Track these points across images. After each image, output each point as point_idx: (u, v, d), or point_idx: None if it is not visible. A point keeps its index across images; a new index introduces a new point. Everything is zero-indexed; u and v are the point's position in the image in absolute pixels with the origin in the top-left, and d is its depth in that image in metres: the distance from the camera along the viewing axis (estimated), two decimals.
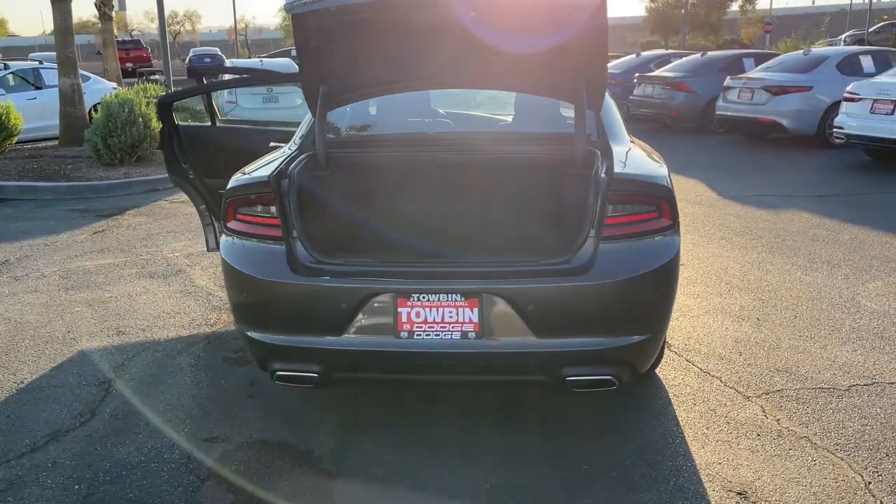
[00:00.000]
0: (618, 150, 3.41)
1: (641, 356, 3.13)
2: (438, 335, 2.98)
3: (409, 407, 3.69)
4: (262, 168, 3.43)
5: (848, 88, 10.41)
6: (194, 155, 4.89)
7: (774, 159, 11.28)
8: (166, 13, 18.41)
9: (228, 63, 24.01)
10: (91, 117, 11.90)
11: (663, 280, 3.05)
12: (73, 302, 5.34)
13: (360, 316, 3.00)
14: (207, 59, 35.87)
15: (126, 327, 4.83)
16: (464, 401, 3.73)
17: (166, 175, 10.20)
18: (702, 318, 4.78)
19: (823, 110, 11.90)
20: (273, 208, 3.15)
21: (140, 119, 10.37)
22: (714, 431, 3.39)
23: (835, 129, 10.71)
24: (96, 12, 19.40)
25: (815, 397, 3.69)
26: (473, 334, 2.97)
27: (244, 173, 3.45)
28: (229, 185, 3.28)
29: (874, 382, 3.84)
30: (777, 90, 12.12)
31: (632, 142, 3.76)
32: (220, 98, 12.77)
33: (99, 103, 11.20)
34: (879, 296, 5.14)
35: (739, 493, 2.92)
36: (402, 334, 2.99)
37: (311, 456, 3.26)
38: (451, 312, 2.97)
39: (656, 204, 3.07)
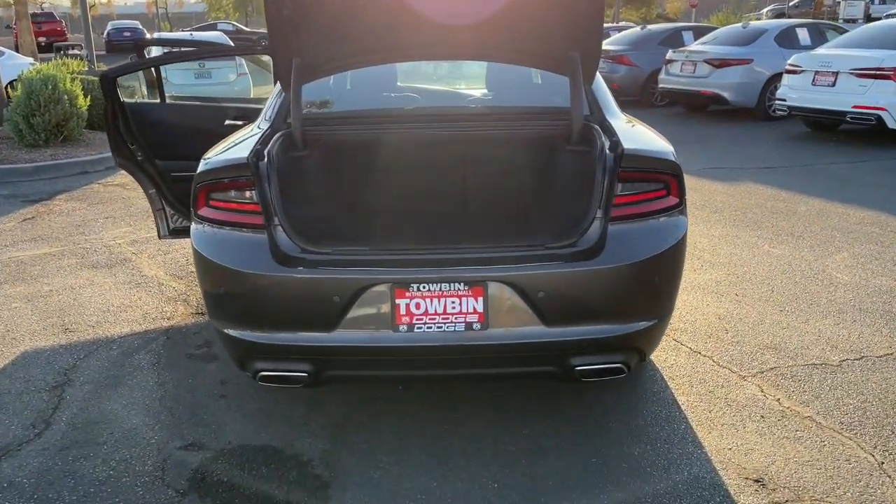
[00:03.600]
0: (617, 125, 3.23)
1: (650, 341, 2.99)
2: (441, 327, 2.76)
3: (402, 400, 3.46)
4: (234, 149, 3.12)
5: (790, 61, 10.55)
6: (142, 135, 4.50)
7: (718, 132, 11.39)
8: None
9: (156, 36, 22.86)
10: (8, 95, 11.10)
11: (673, 262, 2.91)
12: (8, 297, 4.89)
13: (353, 309, 2.75)
14: (127, 34, 34.16)
15: (73, 324, 4.44)
16: (459, 393, 3.52)
17: (97, 156, 9.63)
18: (682, 296, 4.69)
19: (763, 83, 12.07)
20: (251, 193, 2.86)
21: (65, 96, 9.69)
22: (717, 415, 3.29)
23: (777, 102, 10.87)
24: None
25: (809, 374, 3.63)
26: (478, 325, 2.76)
27: (216, 154, 3.13)
28: (200, 168, 2.96)
29: (863, 356, 3.81)
30: (719, 63, 12.22)
31: (626, 117, 3.59)
32: (149, 73, 12.09)
33: (15, 80, 10.43)
34: (848, 267, 5.16)
35: (757, 481, 2.82)
36: (401, 327, 2.76)
37: (300, 461, 3.01)
38: (453, 302, 2.75)
39: (665, 182, 2.91)
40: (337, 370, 2.93)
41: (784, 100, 10.48)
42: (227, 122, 4.62)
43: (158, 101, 4.73)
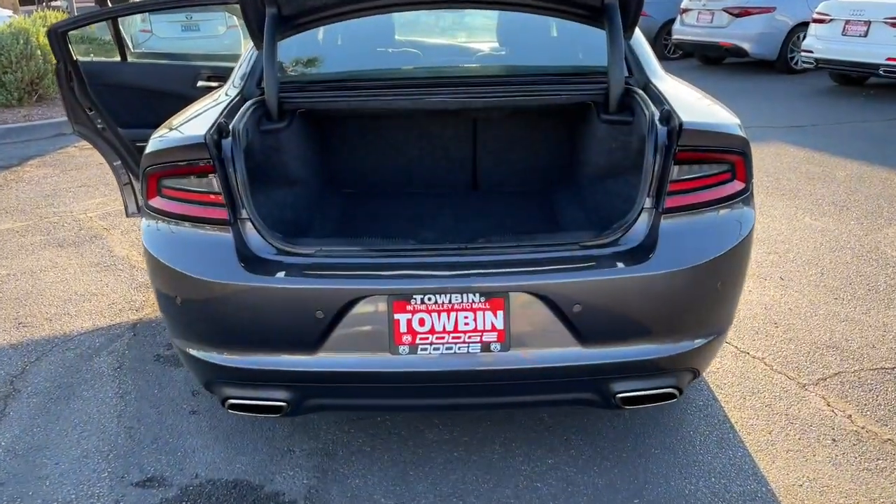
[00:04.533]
0: (665, 90, 2.63)
1: (708, 359, 2.44)
2: (451, 348, 2.21)
3: (404, 417, 2.93)
4: (193, 121, 2.52)
5: (817, 9, 9.81)
6: (102, 99, 3.90)
7: (737, 87, 10.68)
8: None
9: None
10: None
11: (739, 263, 2.34)
12: None
13: (341, 326, 2.19)
14: None
15: (28, 317, 3.90)
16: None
17: None
18: None
19: (786, 33, 11.31)
20: (213, 179, 2.28)
21: (39, 52, 9.01)
22: (779, 437, 2.76)
23: (802, 53, 10.15)
24: None
25: (880, 382, 3.09)
26: (498, 346, 2.21)
27: (170, 129, 2.53)
28: (149, 149, 2.37)
29: None
30: (739, 12, 11.44)
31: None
32: (133, 28, 11.32)
33: None
34: None
35: None
36: (401, 349, 2.21)
37: (280, 500, 2.49)
38: (466, 318, 2.20)
39: (730, 163, 2.32)
40: (322, 399, 2.39)
41: (810, 51, 9.76)
42: (200, 83, 4.02)
43: (119, 59, 4.10)
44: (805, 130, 7.76)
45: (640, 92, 2.62)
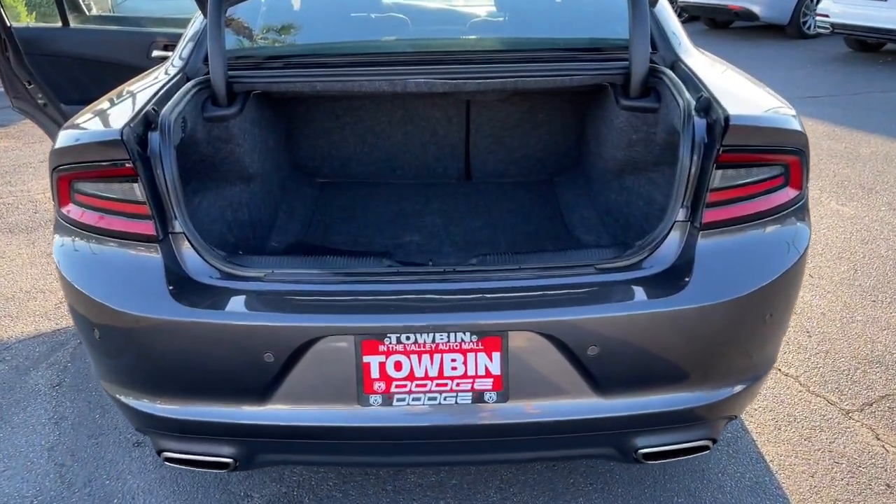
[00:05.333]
0: (699, 69, 2.16)
1: (748, 401, 2.01)
2: (434, 399, 1.77)
3: None
4: (115, 108, 2.04)
5: None
6: (41, 71, 3.41)
7: (748, 53, 10.12)
8: None
9: None
10: None
11: (792, 290, 1.89)
12: None
13: (296, 371, 1.75)
14: None
15: None
16: None
17: None
18: None
19: None
20: (135, 185, 1.81)
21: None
22: (824, 482, 2.34)
23: (818, 17, 9.58)
24: None
25: None
26: (493, 395, 1.77)
27: (86, 117, 2.04)
28: (56, 143, 1.89)
29: None
30: None
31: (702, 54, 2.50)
32: None
33: None
34: None
35: None
36: (372, 399, 1.77)
37: None
38: (455, 361, 1.75)
39: (784, 165, 1.86)
40: (276, 454, 1.95)
41: (826, 16, 9.21)
42: (155, 53, 3.53)
43: (60, 25, 3.59)
44: (822, 101, 7.26)
45: (669, 73, 2.14)
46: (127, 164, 1.77)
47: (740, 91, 2.07)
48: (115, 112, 1.97)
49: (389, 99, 2.70)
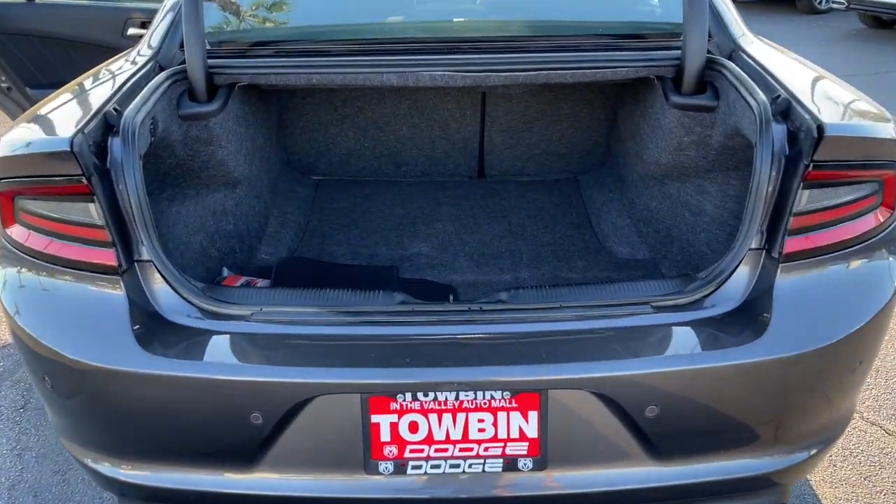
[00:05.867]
0: (764, 61, 1.82)
1: (819, 463, 1.71)
2: (458, 466, 1.47)
3: None
4: (70, 106, 1.69)
5: None
6: (5, 51, 3.07)
7: (756, 29, 9.53)
8: None
9: None
10: None
11: (881, 332, 1.58)
12: None
13: (289, 433, 1.44)
14: None
15: None
16: None
17: None
18: None
19: None
20: (91, 205, 1.48)
21: None
22: None
23: None
24: None
25: None
26: (528, 462, 1.47)
27: (34, 118, 1.69)
28: None
29: None
30: None
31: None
32: None
33: None
34: None
35: None
36: (382, 466, 1.46)
37: None
38: (482, 422, 1.45)
39: (877, 181, 1.54)
40: None
41: None
42: (131, 31, 3.18)
43: (24, 0, 3.23)
44: (847, 80, 6.90)
45: (730, 65, 1.80)
46: (80, 180, 1.44)
47: (823, 89, 1.74)
48: (69, 112, 1.63)
49: (395, 88, 2.37)
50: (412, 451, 1.46)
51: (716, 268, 1.54)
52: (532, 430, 1.44)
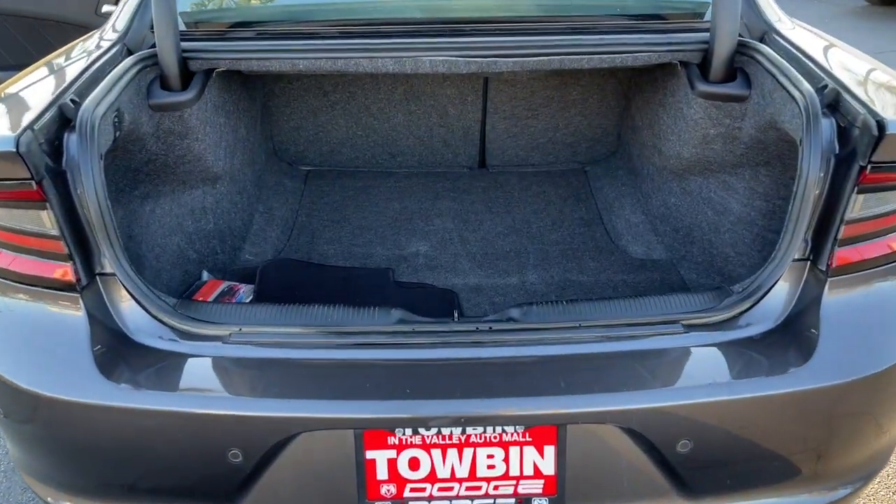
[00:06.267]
0: (804, 46, 1.64)
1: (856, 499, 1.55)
2: None
3: None
4: (22, 97, 1.49)
5: None
6: None
7: None
8: None
9: None
10: None
11: None
12: None
13: (273, 471, 1.27)
14: None
15: None
16: None
17: None
18: None
19: None
20: (43, 213, 1.29)
21: None
22: None
23: None
24: None
25: None
26: (544, 503, 1.30)
27: None
28: None
29: None
30: None
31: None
32: None
33: None
34: None
35: None
36: None
37: None
38: (492, 458, 1.28)
39: None
40: None
41: None
42: (106, 8, 2.97)
43: None
44: None
45: (765, 49, 1.62)
46: (30, 185, 1.25)
47: (875, 79, 1.55)
48: (20, 104, 1.44)
49: (390, 73, 2.18)
50: (412, 489, 1.29)
51: (754, 280, 1.37)
52: (548, 467, 1.28)
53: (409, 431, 1.25)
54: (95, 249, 1.33)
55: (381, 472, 1.28)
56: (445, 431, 1.25)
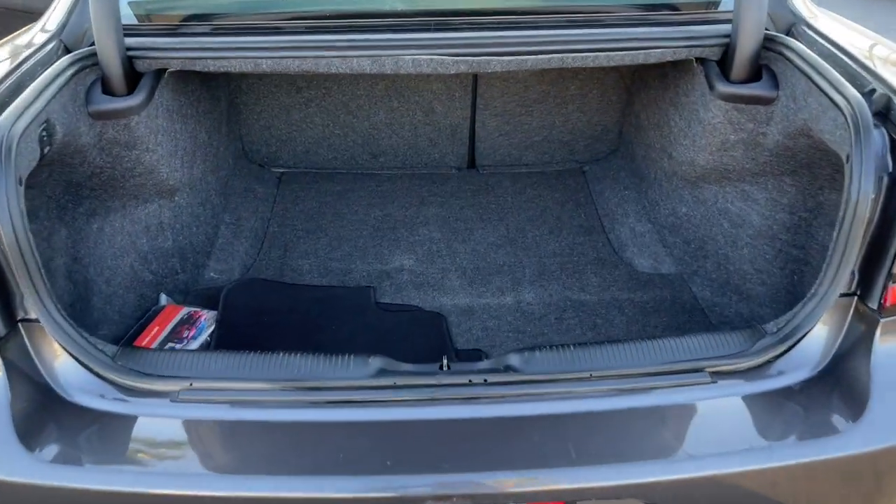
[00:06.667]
0: (843, 41, 1.44)
1: None
2: None
3: None
4: None
5: None
6: None
7: None
8: None
9: None
10: None
11: None
12: None
13: None
14: None
15: None
16: None
17: None
18: None
19: None
20: None
21: None
22: None
23: None
24: None
25: None
26: None
27: None
28: None
29: None
30: None
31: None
32: None
33: None
34: None
35: None
36: None
37: None
38: None
39: None
40: None
41: None
42: None
43: None
44: None
45: (796, 45, 1.42)
46: None
47: None
48: None
49: (371, 96, 1.99)
50: None
51: (792, 318, 1.18)
52: None
53: None
54: (14, 292, 1.12)
55: None
56: None
